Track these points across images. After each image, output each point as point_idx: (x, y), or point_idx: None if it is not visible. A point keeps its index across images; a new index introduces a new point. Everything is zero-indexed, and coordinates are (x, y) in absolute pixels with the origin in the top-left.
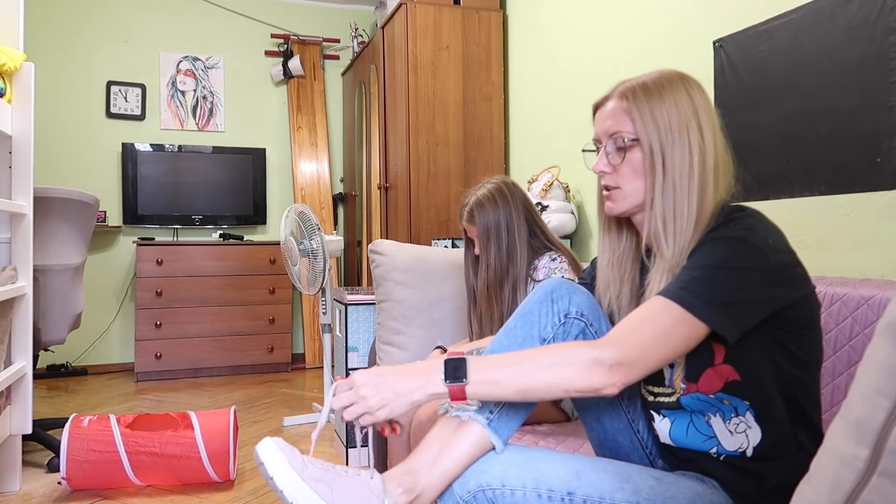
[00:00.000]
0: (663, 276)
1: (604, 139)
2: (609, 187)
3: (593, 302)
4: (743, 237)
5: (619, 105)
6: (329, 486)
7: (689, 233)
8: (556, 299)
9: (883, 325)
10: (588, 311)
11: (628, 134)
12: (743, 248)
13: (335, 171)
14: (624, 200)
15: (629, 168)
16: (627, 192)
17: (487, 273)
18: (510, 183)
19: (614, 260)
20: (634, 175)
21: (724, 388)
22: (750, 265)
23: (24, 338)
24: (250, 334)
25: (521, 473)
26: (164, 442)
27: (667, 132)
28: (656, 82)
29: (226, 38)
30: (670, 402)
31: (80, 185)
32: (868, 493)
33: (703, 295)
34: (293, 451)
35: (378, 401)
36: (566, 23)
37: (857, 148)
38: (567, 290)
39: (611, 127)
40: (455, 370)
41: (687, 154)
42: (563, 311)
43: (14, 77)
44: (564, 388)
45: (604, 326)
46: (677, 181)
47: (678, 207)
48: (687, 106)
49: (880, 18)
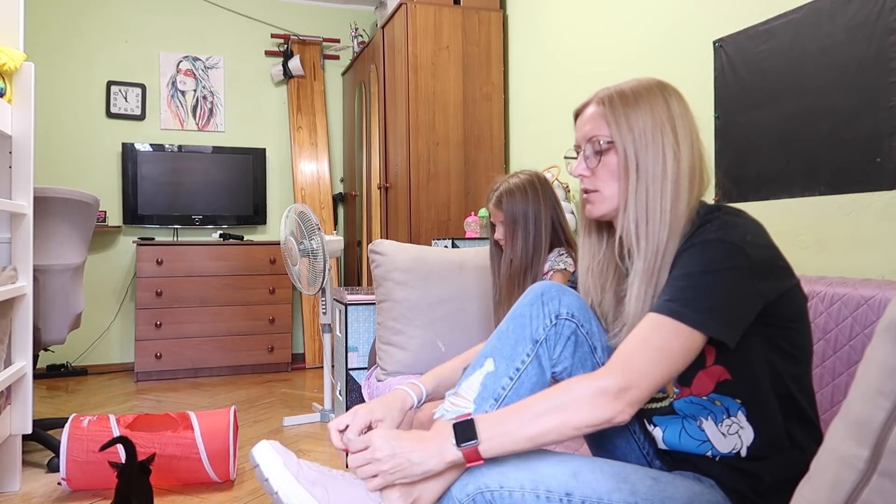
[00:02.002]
0: (640, 278)
1: (582, 144)
2: (588, 190)
3: (583, 303)
4: (721, 238)
5: (597, 110)
6: (325, 489)
7: (664, 235)
8: (546, 301)
9: (883, 325)
10: (578, 312)
11: (604, 138)
12: (723, 249)
13: (335, 171)
14: (602, 203)
15: (606, 171)
16: (605, 196)
17: (511, 264)
18: (543, 178)
19: (594, 266)
20: (611, 178)
21: (715, 388)
22: (732, 265)
23: (24, 338)
24: (250, 334)
25: (519, 475)
26: (164, 442)
27: (641, 136)
28: (634, 89)
29: (226, 38)
30: (662, 408)
31: (80, 185)
32: (868, 493)
33: (693, 303)
34: (289, 454)
35: (391, 466)
36: (566, 23)
37: (857, 148)
38: (557, 291)
39: (589, 132)
40: (465, 432)
41: (660, 158)
42: (553, 312)
43: (14, 77)
44: (575, 425)
45: (594, 327)
46: (650, 184)
47: (651, 210)
48: (662, 112)
49: (880, 18)
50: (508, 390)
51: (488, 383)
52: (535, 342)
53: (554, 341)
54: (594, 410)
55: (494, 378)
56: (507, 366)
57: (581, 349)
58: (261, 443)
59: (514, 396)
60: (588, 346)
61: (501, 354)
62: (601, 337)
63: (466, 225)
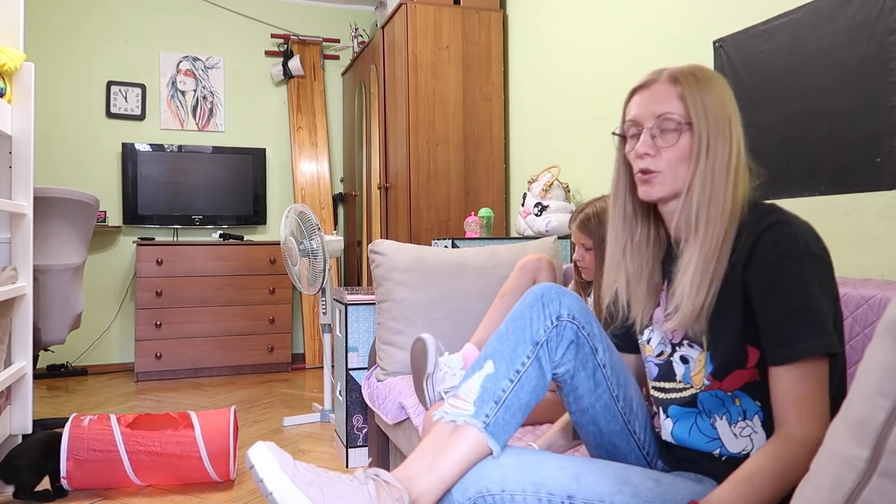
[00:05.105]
0: (696, 264)
1: (648, 121)
2: (648, 171)
3: (583, 305)
4: (807, 249)
5: (671, 88)
6: (321, 491)
7: (725, 222)
8: (546, 303)
9: (883, 325)
10: (579, 314)
11: (680, 117)
12: (816, 262)
13: (335, 171)
14: (663, 185)
15: (674, 153)
16: (668, 178)
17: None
18: None
19: (631, 247)
20: (679, 160)
21: (742, 386)
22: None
23: (24, 338)
24: (250, 334)
25: (521, 478)
26: (165, 441)
27: (714, 122)
28: (703, 73)
29: (226, 38)
30: (682, 399)
31: (80, 185)
32: (868, 493)
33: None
34: (285, 455)
35: None
36: (566, 23)
37: (857, 148)
38: (557, 293)
39: (658, 109)
40: None
41: (727, 145)
42: (554, 313)
43: (14, 77)
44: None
45: (595, 328)
46: (717, 170)
47: (714, 196)
48: (728, 100)
49: (880, 18)
50: (509, 392)
51: (488, 385)
52: (535, 344)
53: (556, 343)
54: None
55: (494, 380)
56: (508, 368)
57: (582, 351)
58: (257, 444)
59: (515, 399)
60: (589, 347)
61: (501, 356)
62: (602, 338)
63: (466, 225)
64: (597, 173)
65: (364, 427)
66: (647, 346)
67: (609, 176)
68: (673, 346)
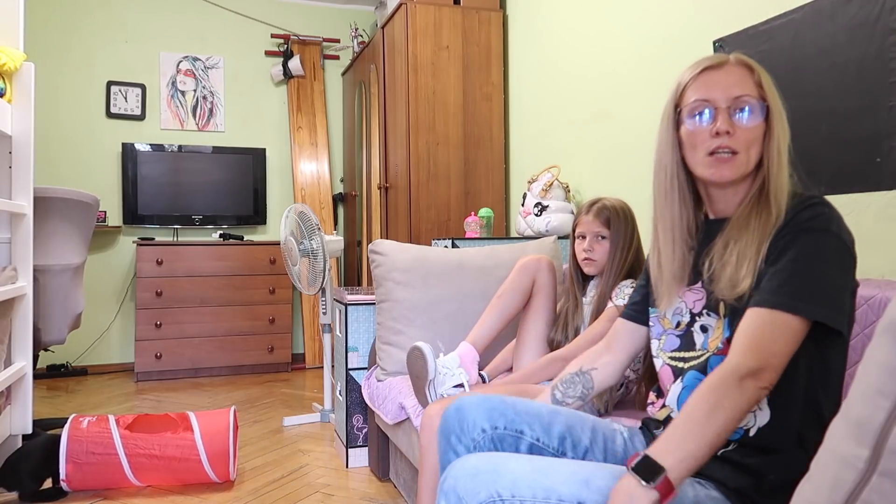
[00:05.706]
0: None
1: (723, 101)
2: (725, 149)
3: (490, 408)
4: (828, 229)
5: (744, 72)
6: None
7: (781, 205)
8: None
9: (883, 325)
10: (488, 428)
11: (759, 101)
12: (835, 242)
13: (335, 171)
14: (739, 167)
15: (751, 134)
16: (742, 160)
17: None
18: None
19: (679, 224)
20: (751, 142)
21: None
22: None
23: (24, 338)
24: (250, 334)
25: (532, 483)
26: (164, 444)
27: (779, 111)
28: (758, 64)
29: (226, 38)
30: (698, 364)
31: (80, 185)
32: (868, 493)
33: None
34: None
35: None
36: (566, 23)
37: (857, 148)
38: (454, 465)
39: (737, 91)
40: (647, 470)
41: (785, 133)
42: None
43: (14, 77)
44: (738, 418)
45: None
46: (782, 155)
47: (779, 181)
48: (778, 92)
49: (880, 18)
50: None
51: None
52: None
53: None
54: (744, 396)
55: None
56: None
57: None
58: None
59: None
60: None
61: None
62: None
63: (466, 225)
64: (597, 173)
65: (364, 427)
66: (665, 318)
67: (609, 176)
68: (692, 315)
